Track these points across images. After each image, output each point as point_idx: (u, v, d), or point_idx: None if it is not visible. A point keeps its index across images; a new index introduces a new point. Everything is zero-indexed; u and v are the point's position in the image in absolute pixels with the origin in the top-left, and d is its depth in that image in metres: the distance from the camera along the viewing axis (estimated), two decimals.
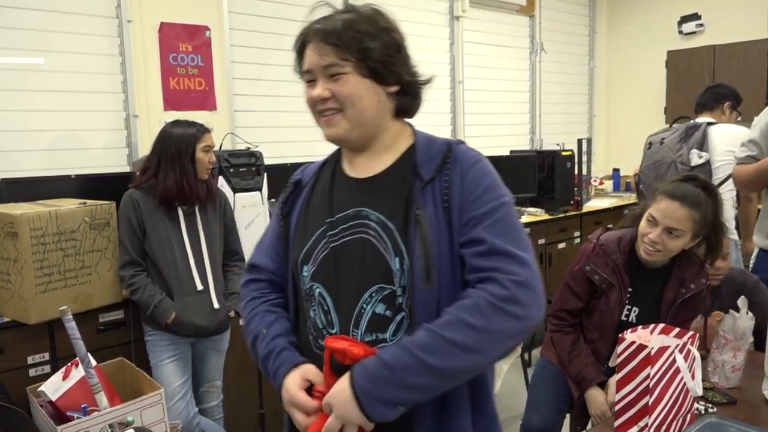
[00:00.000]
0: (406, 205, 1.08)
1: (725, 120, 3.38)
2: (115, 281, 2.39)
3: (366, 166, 1.16)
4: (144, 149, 2.90)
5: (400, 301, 1.06)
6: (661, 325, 1.63)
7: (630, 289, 1.94)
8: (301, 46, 1.13)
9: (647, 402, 1.44)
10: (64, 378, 2.04)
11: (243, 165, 2.84)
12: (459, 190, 1.07)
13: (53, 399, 1.99)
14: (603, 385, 1.94)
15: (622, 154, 5.81)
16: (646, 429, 1.45)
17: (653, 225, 1.85)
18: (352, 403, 0.97)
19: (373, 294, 1.07)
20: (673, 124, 3.48)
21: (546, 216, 4.36)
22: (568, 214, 4.51)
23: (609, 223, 2.14)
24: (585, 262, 1.99)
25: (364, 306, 1.07)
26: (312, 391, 1.07)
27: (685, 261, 1.92)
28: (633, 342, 1.48)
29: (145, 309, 2.31)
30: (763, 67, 4.72)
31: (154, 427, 1.98)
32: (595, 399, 1.90)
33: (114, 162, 3.04)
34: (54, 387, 2.02)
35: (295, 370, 1.10)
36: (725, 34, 5.05)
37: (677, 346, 1.49)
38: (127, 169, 3.03)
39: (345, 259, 1.10)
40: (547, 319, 2.14)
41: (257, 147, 3.00)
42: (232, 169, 2.79)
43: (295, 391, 1.07)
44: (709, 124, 3.28)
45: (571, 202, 4.59)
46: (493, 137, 4.96)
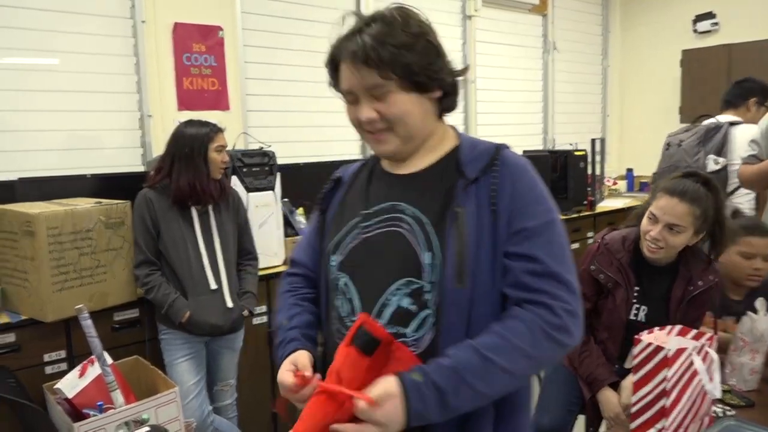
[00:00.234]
0: (443, 202, 1.06)
1: (750, 117, 3.19)
2: (130, 280, 2.40)
3: (407, 165, 1.15)
4: (158, 149, 2.91)
5: (427, 297, 1.04)
6: (678, 327, 1.62)
7: (637, 287, 1.93)
8: (333, 62, 1.10)
9: (664, 404, 1.43)
10: (81, 376, 2.06)
11: (256, 165, 2.85)
12: (509, 195, 1.05)
13: (70, 396, 2.01)
14: (615, 386, 1.92)
15: (636, 154, 5.77)
16: (663, 431, 1.44)
17: (654, 222, 1.84)
18: (398, 417, 0.95)
19: (401, 287, 1.06)
20: (695, 122, 3.37)
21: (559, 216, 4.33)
22: (581, 215, 4.48)
23: (622, 223, 2.13)
24: (590, 262, 1.99)
25: (390, 297, 1.06)
26: (295, 373, 1.07)
27: (691, 258, 1.91)
28: (650, 343, 1.47)
29: (159, 308, 2.32)
30: None
31: (168, 425, 1.99)
32: (608, 400, 1.89)
33: (128, 162, 3.06)
34: (70, 384, 2.04)
35: (289, 357, 1.12)
36: (741, 32, 4.99)
37: (695, 348, 1.48)
38: (141, 168, 3.05)
39: (374, 250, 1.10)
40: None
41: (270, 147, 3.01)
42: (245, 169, 2.79)
43: (281, 373, 1.09)
44: (732, 124, 3.14)
45: (585, 203, 4.57)
46: (506, 137, 4.88)
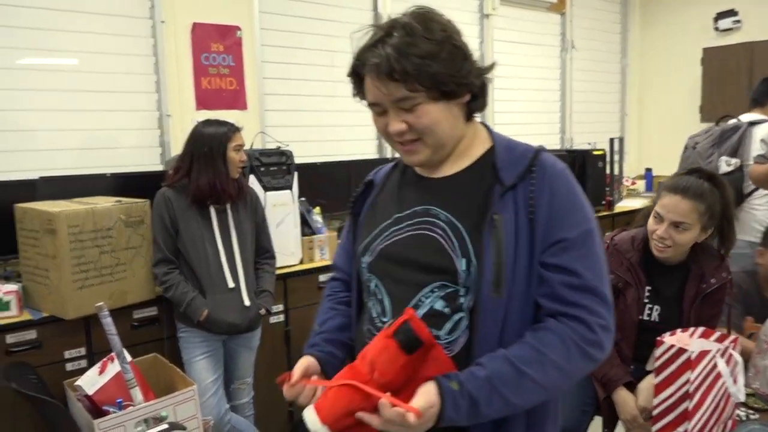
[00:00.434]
0: (481, 209, 1.04)
1: None
2: (149, 278, 2.42)
3: (440, 169, 1.13)
4: (176, 148, 2.93)
5: (462, 301, 1.04)
6: (701, 329, 1.60)
7: (649, 287, 1.91)
8: (356, 73, 1.07)
9: (687, 407, 1.41)
10: (101, 373, 2.07)
11: (273, 164, 2.86)
12: (547, 203, 1.03)
13: (90, 393, 2.03)
14: (629, 386, 1.90)
15: (655, 154, 5.70)
16: None
17: (659, 221, 1.83)
18: (430, 423, 0.96)
19: (435, 289, 1.05)
20: (718, 123, 3.30)
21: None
22: (599, 215, 4.44)
23: (632, 224, 2.10)
24: None
25: (423, 299, 1.06)
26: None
27: (702, 255, 1.88)
28: (672, 345, 1.45)
29: (178, 306, 2.34)
30: None
31: (186, 423, 2.00)
32: (625, 402, 1.86)
33: (147, 161, 3.09)
34: (90, 381, 2.06)
35: (306, 357, 1.16)
36: (763, 30, 4.91)
37: (718, 350, 1.45)
38: (160, 167, 3.07)
39: (405, 252, 1.09)
40: None
41: (288, 146, 3.02)
42: (262, 168, 2.81)
43: (294, 371, 1.11)
44: (753, 124, 3.06)
45: (603, 203, 4.53)
46: (523, 136, 4.80)
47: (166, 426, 1.76)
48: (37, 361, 2.23)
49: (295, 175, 2.93)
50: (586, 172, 4.40)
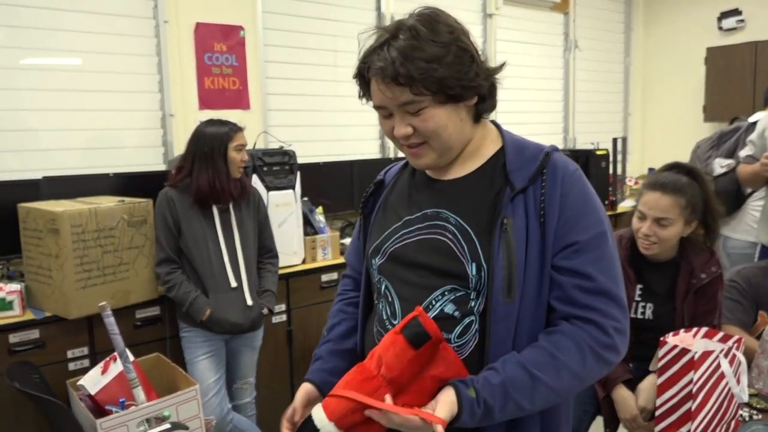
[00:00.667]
0: (491, 212, 1.03)
1: None
2: (152, 278, 2.42)
3: (450, 170, 1.11)
4: (179, 148, 2.94)
5: (472, 305, 1.03)
6: (704, 329, 1.59)
7: (640, 285, 1.91)
8: (362, 76, 1.05)
9: (690, 407, 1.41)
10: (103, 372, 2.08)
11: (276, 164, 2.86)
12: (558, 206, 1.02)
13: (92, 393, 2.03)
14: (629, 384, 1.89)
15: (658, 154, 5.68)
16: None
17: (642, 219, 1.85)
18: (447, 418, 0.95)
19: (446, 293, 1.05)
20: (732, 122, 3.28)
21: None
22: None
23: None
24: None
25: (433, 302, 1.05)
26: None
27: (691, 251, 1.89)
28: (675, 346, 1.44)
29: (180, 306, 2.34)
30: None
31: (189, 422, 2.00)
32: (625, 401, 1.86)
33: (150, 161, 3.09)
34: (93, 381, 2.06)
35: (305, 385, 1.18)
36: (767, 29, 4.90)
37: (722, 350, 1.45)
38: (162, 167, 3.08)
39: (415, 256, 1.09)
40: None
41: (290, 146, 3.02)
42: (265, 168, 2.81)
43: (295, 402, 1.15)
44: (754, 124, 2.97)
45: (606, 202, 4.51)
46: (526, 136, 4.87)
47: (168, 426, 1.76)
48: (40, 360, 2.23)
49: (298, 175, 2.94)
50: (590, 172, 4.38)
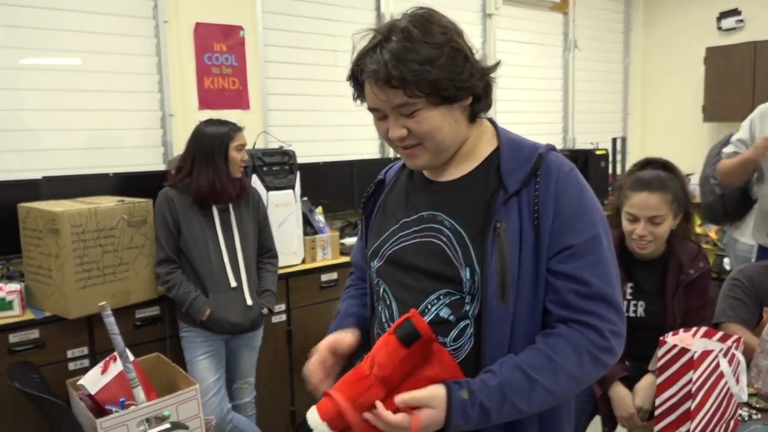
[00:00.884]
0: (485, 215, 1.03)
1: None
2: (152, 278, 2.43)
3: (446, 172, 1.11)
4: (179, 148, 2.94)
5: (467, 309, 1.04)
6: (703, 329, 1.59)
7: (631, 284, 1.93)
8: (356, 78, 1.05)
9: (689, 407, 1.41)
10: (103, 372, 2.08)
11: (276, 164, 2.86)
12: (553, 208, 1.01)
13: (92, 393, 2.03)
14: (626, 382, 1.89)
15: (658, 153, 5.57)
16: None
17: (635, 221, 1.86)
18: (438, 426, 0.95)
19: (441, 297, 1.05)
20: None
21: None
22: None
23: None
24: None
25: (429, 306, 1.06)
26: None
27: (678, 247, 1.91)
28: (674, 345, 1.45)
29: (180, 306, 2.34)
30: None
31: (189, 422, 2.00)
32: (622, 399, 1.86)
33: (150, 160, 3.09)
34: (93, 381, 2.06)
35: (335, 333, 1.16)
36: (766, 29, 4.90)
37: (721, 350, 1.45)
38: (162, 167, 3.08)
39: (411, 259, 1.09)
40: None
41: (290, 146, 3.02)
42: (265, 168, 2.81)
43: (321, 346, 1.13)
44: None
45: (605, 202, 4.51)
46: (526, 136, 4.88)
47: (168, 425, 1.76)
48: (40, 360, 2.24)
49: (298, 175, 2.94)
50: (589, 171, 4.39)
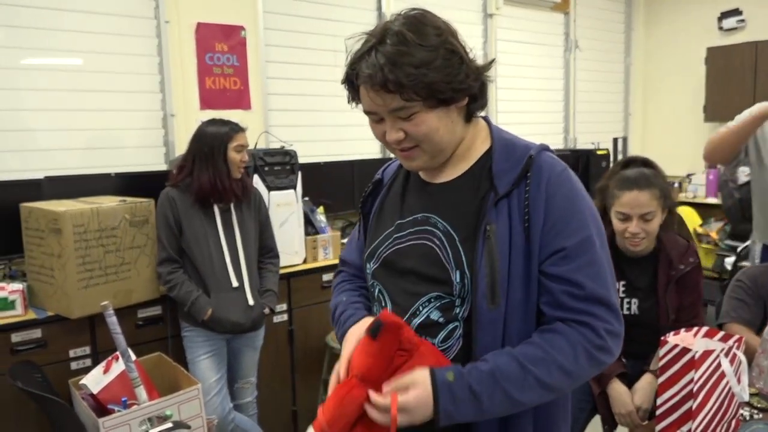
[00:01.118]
0: (476, 218, 1.03)
1: None
2: (154, 277, 2.43)
3: (440, 174, 1.12)
4: (180, 148, 2.94)
5: (457, 311, 1.04)
6: (705, 328, 1.60)
7: (623, 282, 1.94)
8: (351, 81, 1.03)
9: (691, 406, 1.41)
10: (105, 372, 2.08)
11: (277, 163, 2.86)
12: (543, 210, 1.01)
13: (95, 392, 2.03)
14: (623, 378, 1.89)
15: (659, 154, 5.62)
16: None
17: (626, 220, 1.88)
18: (427, 412, 0.95)
19: (432, 299, 1.06)
20: None
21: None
22: None
23: None
24: None
25: (421, 308, 1.07)
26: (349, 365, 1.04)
27: (668, 243, 1.93)
28: (676, 345, 1.45)
29: (182, 305, 2.35)
30: None
31: (191, 422, 2.01)
32: (620, 396, 1.86)
33: (151, 160, 3.09)
34: (95, 380, 2.06)
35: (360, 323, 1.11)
36: (767, 29, 4.90)
37: (722, 350, 1.45)
38: (164, 167, 3.08)
39: (405, 262, 1.10)
40: None
41: (292, 146, 3.02)
42: (266, 168, 2.81)
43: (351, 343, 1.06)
44: None
45: None
46: (527, 136, 4.83)
47: (170, 425, 1.77)
48: (42, 360, 2.24)
49: (299, 175, 2.94)
50: (590, 172, 4.40)
